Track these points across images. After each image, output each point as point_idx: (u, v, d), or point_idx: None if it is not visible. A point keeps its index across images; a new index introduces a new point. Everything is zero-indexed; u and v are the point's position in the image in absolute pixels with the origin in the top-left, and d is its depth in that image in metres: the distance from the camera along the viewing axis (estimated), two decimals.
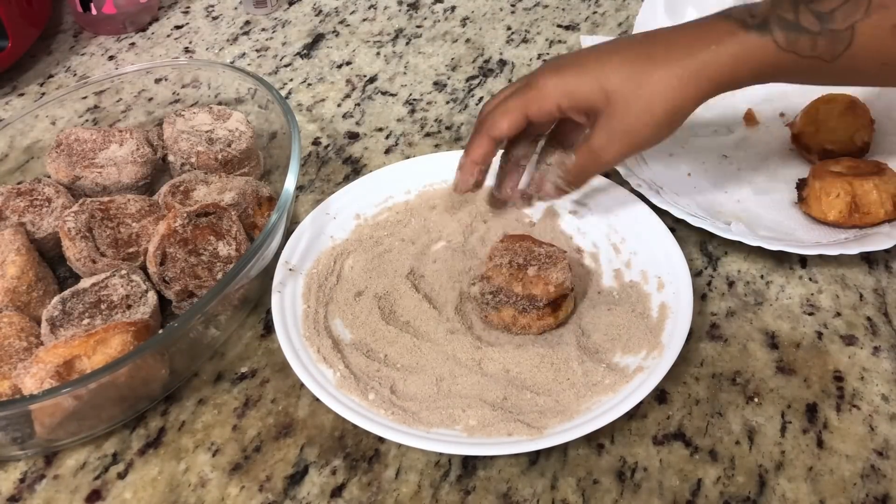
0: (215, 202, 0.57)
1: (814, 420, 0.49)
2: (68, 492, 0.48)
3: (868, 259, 0.59)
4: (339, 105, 0.77)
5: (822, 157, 0.64)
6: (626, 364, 0.50)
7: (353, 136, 0.73)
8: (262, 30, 0.89)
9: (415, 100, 0.77)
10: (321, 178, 0.69)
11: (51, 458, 0.49)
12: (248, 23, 0.90)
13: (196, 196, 0.59)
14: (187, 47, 0.87)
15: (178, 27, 0.91)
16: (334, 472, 0.48)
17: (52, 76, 0.84)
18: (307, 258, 0.57)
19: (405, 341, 0.53)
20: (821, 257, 0.58)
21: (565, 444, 0.47)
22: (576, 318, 0.54)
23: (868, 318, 0.55)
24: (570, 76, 0.50)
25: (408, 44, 0.85)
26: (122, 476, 0.48)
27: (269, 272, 0.55)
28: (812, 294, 0.57)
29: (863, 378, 0.51)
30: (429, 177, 0.63)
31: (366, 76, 0.81)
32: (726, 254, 0.60)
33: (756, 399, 0.50)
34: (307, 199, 0.66)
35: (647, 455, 0.48)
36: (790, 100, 0.70)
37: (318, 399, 0.48)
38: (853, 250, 0.55)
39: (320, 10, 0.92)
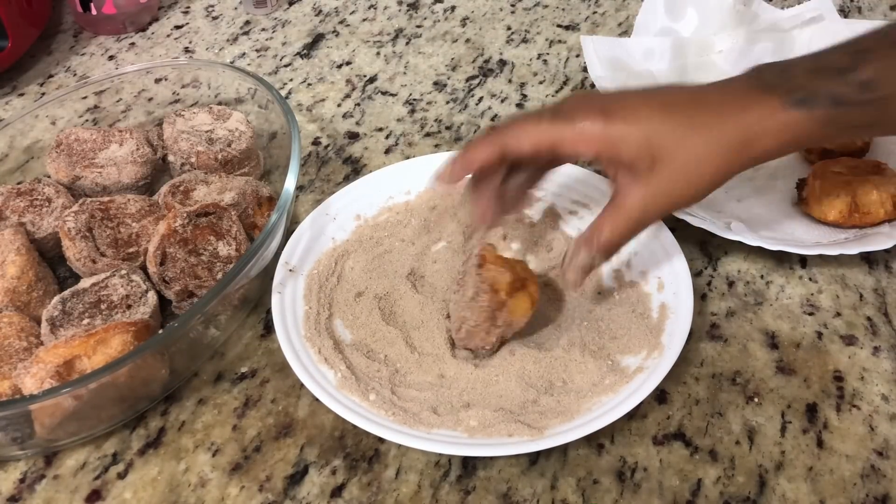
0: (215, 202, 0.57)
1: (814, 420, 0.49)
2: (68, 492, 0.48)
3: (868, 259, 0.59)
4: (339, 105, 0.77)
5: (822, 157, 0.64)
6: (626, 364, 0.50)
7: (353, 136, 0.73)
8: (262, 30, 0.89)
9: (415, 100, 0.77)
10: (321, 178, 0.69)
11: (51, 458, 0.49)
12: (248, 23, 0.90)
13: (196, 196, 0.59)
14: (187, 47, 0.87)
15: (178, 27, 0.91)
16: (334, 472, 0.48)
17: (52, 76, 0.84)
18: (307, 259, 0.57)
19: (405, 342, 0.53)
20: (821, 257, 0.58)
21: (565, 444, 0.47)
22: (576, 318, 0.54)
23: (868, 318, 0.55)
24: (617, 126, 0.45)
25: (408, 44, 0.85)
26: (122, 476, 0.48)
27: (269, 272, 0.55)
28: (812, 294, 0.57)
29: (863, 378, 0.51)
30: (429, 177, 0.63)
31: (366, 76, 0.81)
32: (726, 254, 0.60)
33: (756, 399, 0.50)
34: (307, 199, 0.66)
35: (647, 455, 0.48)
36: None
37: (318, 399, 0.48)
38: (853, 250, 0.55)
39: (320, 10, 0.92)
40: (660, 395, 0.51)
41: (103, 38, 0.89)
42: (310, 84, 0.80)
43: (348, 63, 0.83)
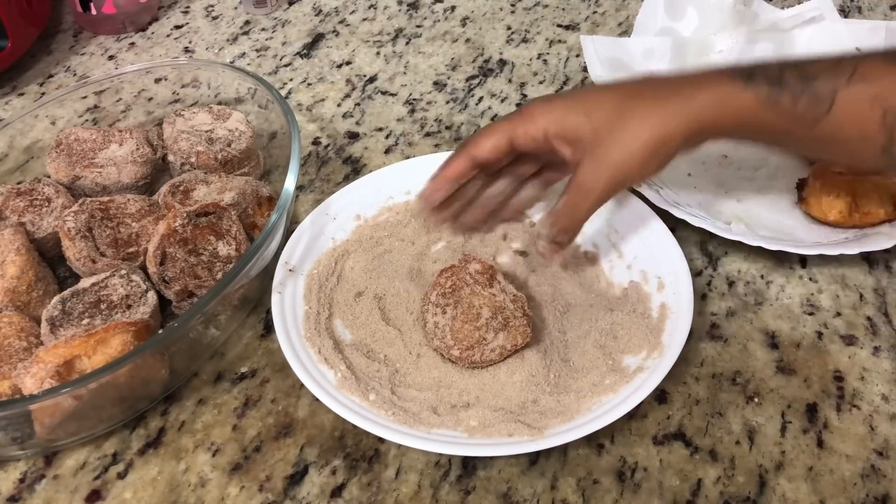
0: (215, 202, 0.57)
1: (814, 420, 0.49)
2: (68, 492, 0.48)
3: (868, 259, 0.59)
4: (339, 105, 0.77)
5: None
6: (626, 364, 0.50)
7: (353, 136, 0.73)
8: (262, 30, 0.89)
9: (415, 100, 0.77)
10: (321, 178, 0.69)
11: (51, 458, 0.49)
12: (247, 23, 0.90)
13: (196, 196, 0.59)
14: (187, 47, 0.87)
15: (177, 27, 0.91)
16: (334, 472, 0.48)
17: (51, 76, 0.84)
18: (307, 259, 0.57)
19: (405, 342, 0.53)
20: (821, 257, 0.58)
21: (565, 444, 0.47)
22: (576, 318, 0.54)
23: (868, 318, 0.55)
24: (560, 106, 0.49)
25: (408, 44, 0.85)
26: (121, 476, 0.48)
27: (269, 272, 0.55)
28: (812, 294, 0.57)
29: (863, 378, 0.51)
30: (429, 177, 0.63)
31: (366, 76, 0.81)
32: (726, 254, 0.60)
33: (756, 399, 0.50)
34: (307, 199, 0.66)
35: (647, 455, 0.48)
36: None
37: (318, 399, 0.48)
38: (853, 250, 0.55)
39: (320, 10, 0.92)
40: (660, 395, 0.51)
41: (103, 38, 0.89)
42: (310, 84, 0.80)
43: (348, 63, 0.83)
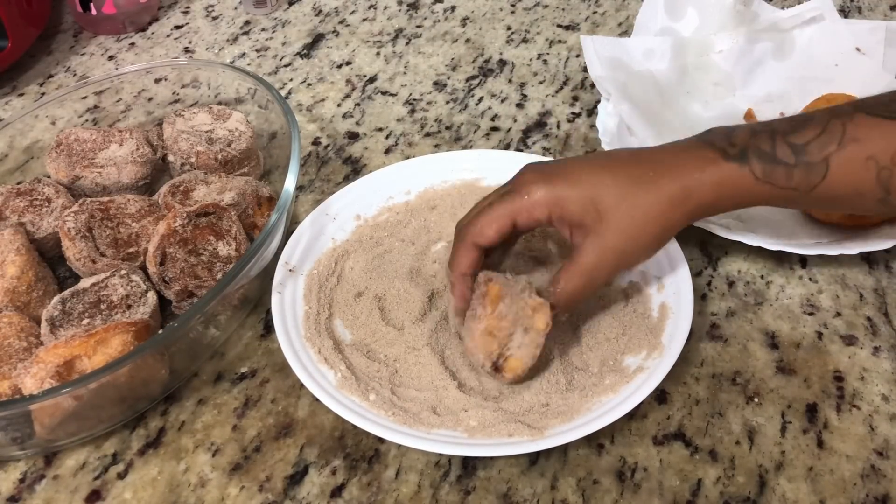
0: (215, 202, 0.57)
1: (814, 420, 0.49)
2: (68, 492, 0.48)
3: (868, 259, 0.59)
4: (339, 105, 0.77)
5: None
6: (626, 364, 0.50)
7: (353, 136, 0.73)
8: (262, 30, 0.89)
9: (415, 100, 0.77)
10: (321, 178, 0.69)
11: (51, 458, 0.49)
12: (248, 23, 0.90)
13: (196, 196, 0.59)
14: (187, 47, 0.87)
15: (177, 27, 0.91)
16: (334, 473, 0.48)
17: (51, 76, 0.84)
18: (307, 259, 0.57)
19: (404, 342, 0.53)
20: (821, 257, 0.58)
21: (565, 444, 0.47)
22: (576, 318, 0.54)
23: (868, 318, 0.55)
24: (561, 187, 0.48)
25: (408, 44, 0.85)
26: (121, 476, 0.48)
27: (269, 272, 0.55)
28: (812, 294, 0.57)
29: (863, 378, 0.51)
30: (429, 177, 0.63)
31: (366, 76, 0.81)
32: (726, 254, 0.60)
33: (756, 399, 0.50)
34: (307, 199, 0.66)
35: (647, 455, 0.48)
36: (790, 100, 0.71)
37: (318, 399, 0.48)
38: (853, 250, 0.55)
39: (320, 10, 0.92)
40: (660, 395, 0.51)
41: (103, 38, 0.89)
42: (310, 84, 0.80)
43: (348, 63, 0.83)
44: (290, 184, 0.55)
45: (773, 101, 0.71)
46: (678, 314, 0.51)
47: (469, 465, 0.48)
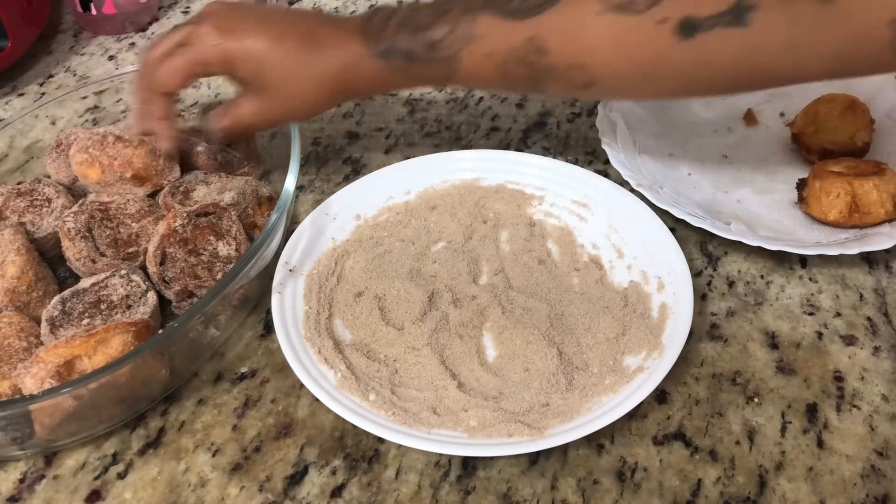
0: (215, 202, 0.57)
1: (814, 420, 0.49)
2: (68, 492, 0.48)
3: (868, 259, 0.59)
4: (338, 105, 0.77)
5: (822, 157, 0.64)
6: (626, 364, 0.50)
7: (353, 136, 0.73)
8: None
9: (415, 100, 0.77)
10: (321, 178, 0.69)
11: (51, 458, 0.49)
12: None
13: (196, 196, 0.59)
14: None
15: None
16: (334, 473, 0.48)
17: (52, 76, 0.84)
18: (307, 259, 0.57)
19: (404, 342, 0.53)
20: (821, 257, 0.58)
21: (565, 444, 0.47)
22: (576, 318, 0.54)
23: (868, 318, 0.55)
24: (235, 46, 0.53)
25: None
26: (121, 476, 0.48)
27: (269, 272, 0.55)
28: (812, 294, 0.57)
29: (863, 378, 0.51)
30: (429, 177, 0.63)
31: None
32: (726, 254, 0.60)
33: (756, 399, 0.50)
34: (307, 199, 0.66)
35: (647, 455, 0.48)
36: (790, 100, 0.71)
37: (318, 399, 0.48)
38: (853, 250, 0.55)
39: (320, 11, 0.92)
40: (660, 395, 0.51)
41: (103, 38, 0.89)
42: None
43: None
44: (290, 184, 0.55)
45: (772, 101, 0.71)
46: (678, 314, 0.51)
47: (469, 465, 0.48)
